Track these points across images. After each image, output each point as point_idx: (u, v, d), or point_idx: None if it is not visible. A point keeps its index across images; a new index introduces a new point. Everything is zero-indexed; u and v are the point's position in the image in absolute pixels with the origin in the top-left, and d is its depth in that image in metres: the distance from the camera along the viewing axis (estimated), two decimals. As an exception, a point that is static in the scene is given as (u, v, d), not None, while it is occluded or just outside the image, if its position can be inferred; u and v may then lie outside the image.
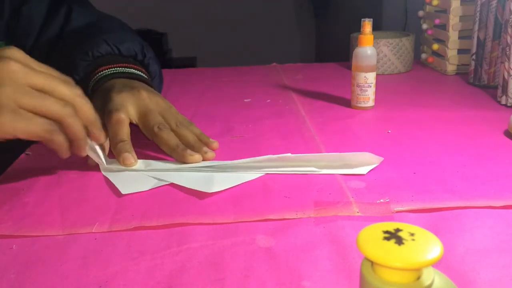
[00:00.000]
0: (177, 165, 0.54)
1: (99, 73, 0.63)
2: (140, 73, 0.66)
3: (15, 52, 0.45)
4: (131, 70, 0.65)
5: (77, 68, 0.64)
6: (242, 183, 0.50)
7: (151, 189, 0.49)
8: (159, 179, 0.51)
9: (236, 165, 0.52)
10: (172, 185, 0.50)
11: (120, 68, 0.64)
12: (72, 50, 0.66)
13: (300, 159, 0.53)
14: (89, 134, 0.50)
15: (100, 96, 0.59)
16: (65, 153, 0.48)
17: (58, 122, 0.46)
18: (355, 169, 0.51)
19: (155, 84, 0.68)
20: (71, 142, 0.48)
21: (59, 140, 0.46)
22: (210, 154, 0.55)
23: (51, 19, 0.70)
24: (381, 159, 0.52)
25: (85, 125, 0.49)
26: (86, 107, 0.48)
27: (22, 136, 0.44)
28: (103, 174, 0.53)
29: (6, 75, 0.42)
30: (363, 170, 0.51)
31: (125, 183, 0.50)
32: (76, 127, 0.47)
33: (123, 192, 0.48)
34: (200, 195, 0.48)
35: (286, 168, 0.51)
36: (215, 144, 0.59)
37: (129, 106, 0.57)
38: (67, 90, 0.46)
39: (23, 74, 0.43)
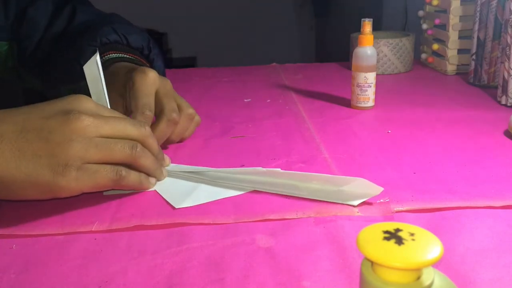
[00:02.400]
0: (173, 169, 0.53)
1: (106, 56, 0.63)
2: (146, 66, 0.65)
3: (84, 102, 0.44)
4: (138, 61, 0.64)
5: (84, 53, 0.63)
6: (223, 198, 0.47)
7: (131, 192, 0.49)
8: None
9: (224, 177, 0.50)
10: (172, 185, 0.50)
11: (128, 56, 0.64)
12: (79, 37, 0.65)
13: (290, 177, 0.49)
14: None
15: (122, 73, 0.59)
16: (145, 186, 0.48)
17: (128, 164, 0.45)
18: (346, 200, 0.45)
19: None
20: (147, 173, 0.48)
21: (130, 182, 0.45)
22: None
23: (55, 19, 0.70)
24: (381, 189, 0.45)
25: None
26: (154, 148, 0.48)
27: (89, 190, 0.43)
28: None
29: (76, 132, 0.41)
30: (355, 202, 0.45)
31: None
32: (148, 164, 0.47)
33: (104, 193, 0.48)
34: (200, 195, 0.48)
35: (274, 188, 0.48)
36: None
37: None
38: (136, 131, 0.45)
39: (94, 128, 0.42)
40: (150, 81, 0.55)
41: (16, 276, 0.36)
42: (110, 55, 0.63)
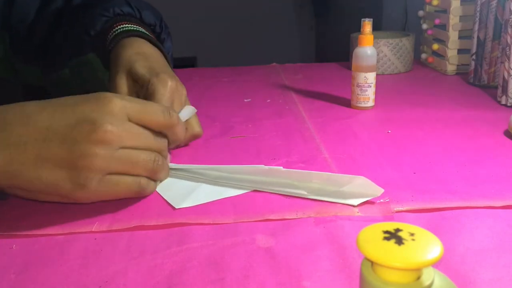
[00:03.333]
0: (174, 170, 0.52)
1: (120, 27, 0.60)
2: (158, 44, 0.63)
3: (110, 107, 0.42)
4: (151, 38, 0.62)
5: (95, 23, 0.61)
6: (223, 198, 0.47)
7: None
8: None
9: (225, 176, 0.50)
10: (172, 185, 0.50)
11: (141, 30, 0.61)
12: (89, 8, 0.63)
13: (291, 175, 0.48)
14: None
15: (143, 56, 0.57)
16: (153, 190, 0.48)
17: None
18: (347, 200, 0.45)
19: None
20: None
21: (148, 192, 0.46)
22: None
23: (48, 1, 0.67)
24: (382, 190, 0.45)
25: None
26: (166, 156, 0.48)
27: (109, 199, 0.44)
28: None
29: (99, 144, 0.40)
30: (355, 201, 0.45)
31: None
32: (165, 176, 0.47)
33: None
34: (200, 195, 0.47)
35: (274, 187, 0.48)
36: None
37: None
38: (157, 144, 0.45)
39: (117, 140, 0.41)
40: (169, 92, 0.53)
41: (16, 276, 0.36)
42: (124, 25, 0.61)
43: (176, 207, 0.45)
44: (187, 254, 0.38)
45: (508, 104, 0.73)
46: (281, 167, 0.49)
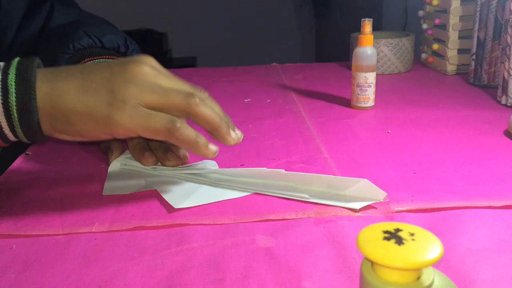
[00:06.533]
0: (177, 171, 0.52)
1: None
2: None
3: (148, 59, 0.47)
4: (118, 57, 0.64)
5: (59, 62, 0.63)
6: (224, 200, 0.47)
7: (134, 192, 0.49)
8: (146, 184, 0.50)
9: (227, 179, 0.50)
10: (172, 185, 0.50)
11: (105, 59, 0.63)
12: (53, 44, 0.65)
13: (293, 179, 0.48)
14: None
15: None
16: (201, 146, 0.45)
17: (186, 115, 0.45)
18: (348, 203, 0.44)
19: None
20: (210, 132, 0.46)
21: (185, 136, 0.44)
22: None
23: (32, 16, 0.68)
24: (385, 194, 0.44)
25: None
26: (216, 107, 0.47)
27: (142, 133, 0.44)
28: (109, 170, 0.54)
29: (135, 75, 0.44)
30: (357, 205, 0.44)
31: (113, 185, 0.50)
32: (208, 114, 0.45)
33: (103, 193, 0.49)
34: (200, 195, 0.47)
35: (276, 190, 0.47)
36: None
37: None
38: (193, 89, 0.46)
39: (153, 77, 0.45)
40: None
41: (16, 276, 0.36)
42: (87, 63, 0.62)
43: (176, 207, 0.45)
44: (187, 254, 0.38)
45: (508, 104, 0.73)
46: (283, 170, 0.49)
